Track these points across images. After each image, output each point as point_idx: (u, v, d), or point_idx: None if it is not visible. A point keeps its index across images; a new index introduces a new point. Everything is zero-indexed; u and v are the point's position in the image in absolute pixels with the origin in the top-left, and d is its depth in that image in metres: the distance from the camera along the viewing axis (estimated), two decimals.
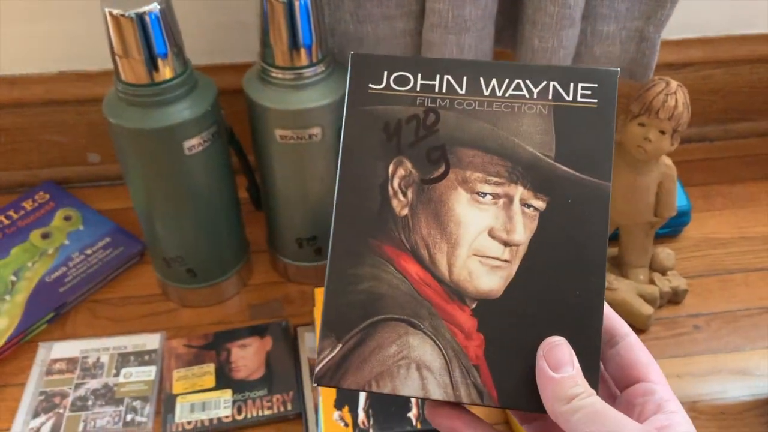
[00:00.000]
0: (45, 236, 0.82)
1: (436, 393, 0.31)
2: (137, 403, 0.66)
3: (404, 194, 0.33)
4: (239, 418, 0.65)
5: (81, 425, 0.64)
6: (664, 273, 0.77)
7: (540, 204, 0.33)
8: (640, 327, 0.73)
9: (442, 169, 0.33)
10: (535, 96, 0.34)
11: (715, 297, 0.77)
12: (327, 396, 0.58)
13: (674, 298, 0.76)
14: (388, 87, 0.34)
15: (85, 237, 0.83)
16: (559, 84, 0.34)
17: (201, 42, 0.77)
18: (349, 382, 0.32)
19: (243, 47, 0.79)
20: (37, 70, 0.83)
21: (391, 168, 0.33)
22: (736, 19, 0.88)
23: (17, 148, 0.88)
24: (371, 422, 0.56)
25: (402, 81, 0.34)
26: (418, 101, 0.34)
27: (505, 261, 0.32)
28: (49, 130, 0.88)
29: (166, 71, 0.61)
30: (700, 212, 0.87)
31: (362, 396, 0.58)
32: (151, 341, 0.72)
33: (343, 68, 0.68)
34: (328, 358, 0.32)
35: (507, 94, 0.34)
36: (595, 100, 0.33)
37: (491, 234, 0.32)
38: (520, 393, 0.31)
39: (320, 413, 0.57)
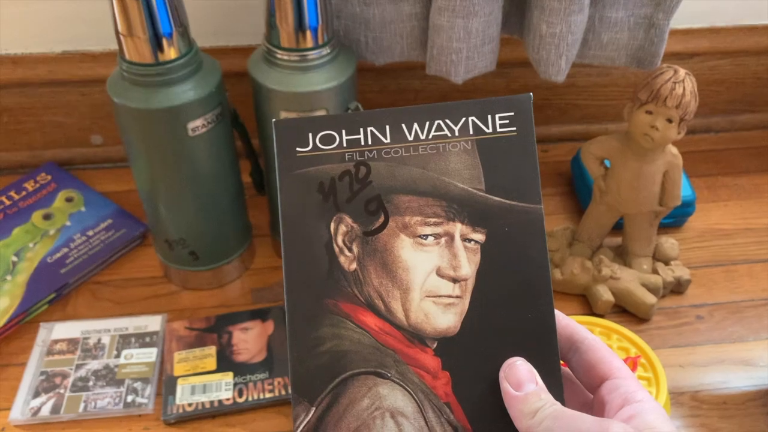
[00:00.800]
0: (46, 217, 0.82)
1: None
2: (138, 385, 0.66)
3: (350, 249, 0.34)
4: (240, 400, 0.65)
5: (81, 405, 0.64)
6: (667, 263, 0.77)
7: (480, 237, 0.34)
8: (642, 316, 0.73)
9: (381, 219, 0.34)
10: (456, 134, 0.34)
11: (718, 287, 0.77)
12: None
13: (677, 288, 0.76)
14: (315, 148, 0.34)
15: (86, 218, 0.82)
16: (477, 118, 0.34)
17: (206, 24, 0.77)
18: None
19: (248, 30, 0.78)
20: (41, 50, 0.82)
21: (332, 226, 0.34)
22: (743, 9, 0.87)
23: (20, 129, 0.88)
24: None
25: (328, 140, 0.34)
26: (347, 157, 0.34)
27: (457, 297, 0.33)
28: (52, 110, 0.87)
29: (170, 51, 0.60)
30: (704, 203, 0.87)
31: None
32: (153, 323, 0.72)
33: (349, 51, 0.67)
34: (305, 423, 0.33)
35: (430, 136, 0.34)
36: (514, 128, 0.34)
37: (439, 273, 0.33)
38: (494, 421, 0.32)
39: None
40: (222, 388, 0.66)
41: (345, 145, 0.34)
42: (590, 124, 0.97)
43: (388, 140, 0.34)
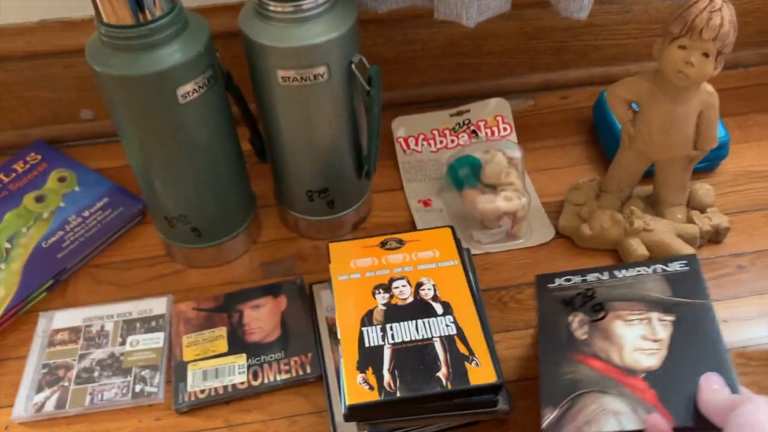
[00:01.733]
0: (39, 199, 0.77)
1: (629, 425, 0.47)
2: (146, 373, 0.62)
3: (582, 329, 0.55)
4: (255, 383, 0.61)
5: (88, 398, 0.61)
6: (703, 210, 0.72)
7: (670, 318, 0.53)
8: None
9: (603, 314, 0.56)
10: (651, 272, 0.58)
11: (759, 234, 0.72)
12: (349, 358, 0.54)
13: (715, 237, 0.71)
14: (560, 285, 0.60)
15: (81, 198, 0.78)
16: (664, 264, 0.59)
17: None
18: (566, 430, 0.48)
19: None
20: (17, 20, 0.76)
21: (570, 318, 0.56)
22: None
23: (2, 107, 0.82)
24: (398, 383, 0.52)
25: (567, 280, 0.60)
26: (579, 288, 0.59)
27: (657, 349, 0.51)
28: (35, 85, 0.82)
29: (152, 10, 0.54)
30: (736, 144, 0.81)
31: (386, 355, 0.54)
32: (158, 306, 0.68)
33: None
34: (550, 418, 0.50)
35: (634, 273, 0.58)
36: (687, 268, 0.57)
37: (644, 337, 0.53)
38: (689, 413, 0.47)
39: (342, 377, 0.53)
40: (235, 371, 0.62)
41: (579, 281, 0.60)
42: (611, 65, 0.90)
43: (606, 277, 0.59)
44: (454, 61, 0.87)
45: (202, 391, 0.61)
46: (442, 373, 0.52)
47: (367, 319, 0.56)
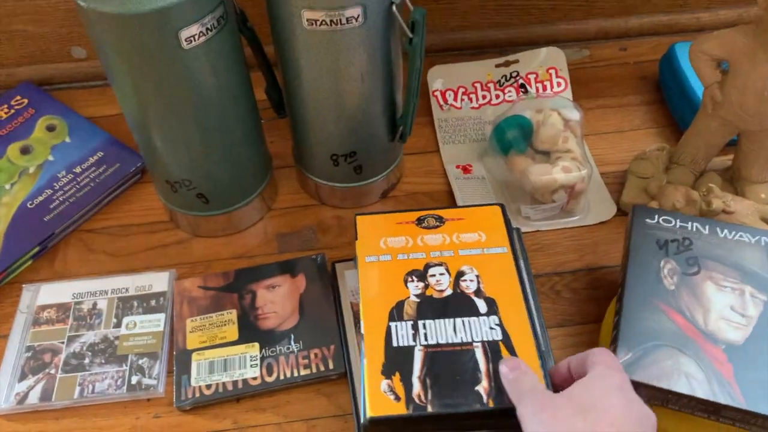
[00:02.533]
0: (25, 151, 0.68)
1: (701, 393, 0.45)
2: (144, 362, 0.54)
3: (671, 279, 0.51)
4: (269, 379, 0.53)
5: (77, 390, 0.53)
6: None
7: (764, 297, 0.49)
8: None
9: (696, 269, 0.51)
10: (752, 242, 0.53)
11: None
12: (373, 359, 0.45)
13: None
14: (658, 223, 0.54)
15: (72, 151, 0.68)
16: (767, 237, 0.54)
17: None
18: (637, 376, 0.45)
19: None
20: None
21: (662, 263, 0.52)
22: None
23: None
24: (429, 395, 0.43)
25: (666, 221, 0.54)
26: (678, 232, 0.53)
27: (743, 325, 0.48)
28: (20, 18, 0.71)
29: None
30: None
31: (417, 359, 0.45)
32: (159, 282, 0.59)
33: None
34: (624, 359, 0.46)
35: (736, 237, 0.53)
36: None
37: (732, 308, 0.49)
38: (760, 398, 0.44)
39: (364, 382, 0.45)
40: (247, 363, 0.54)
41: (677, 226, 0.53)
42: (678, 13, 0.79)
43: (707, 232, 0.53)
44: (499, 2, 0.76)
45: (209, 387, 0.53)
46: (482, 387, 0.44)
47: (397, 312, 0.48)
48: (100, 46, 0.49)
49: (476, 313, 0.47)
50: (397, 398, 0.43)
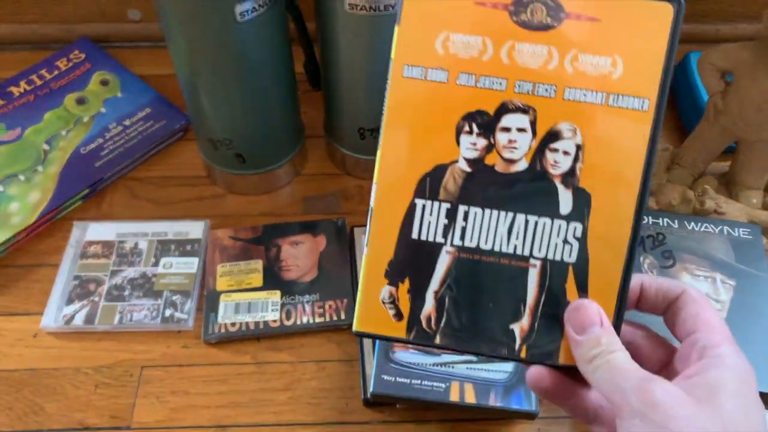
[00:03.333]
0: (80, 102, 0.74)
1: None
2: (177, 298, 0.61)
3: (652, 273, 0.56)
4: (288, 323, 0.59)
5: (117, 317, 0.59)
6: None
7: (732, 282, 0.55)
8: None
9: (671, 262, 0.56)
10: (717, 232, 0.59)
11: None
12: (377, 250, 0.32)
13: None
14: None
15: (123, 105, 0.74)
16: (731, 227, 0.59)
17: None
18: None
19: None
20: None
21: (642, 258, 0.56)
22: None
23: None
24: (443, 321, 0.31)
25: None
26: (651, 229, 0.58)
27: (719, 309, 0.52)
28: None
29: None
30: None
31: (441, 265, 0.32)
32: (194, 229, 0.65)
33: None
34: None
35: (702, 229, 0.59)
36: (751, 237, 0.58)
37: (707, 295, 0.51)
38: None
39: (360, 282, 0.32)
40: (269, 307, 0.60)
41: (650, 223, 0.58)
42: (699, 23, 0.83)
43: (677, 226, 0.58)
44: None
45: (233, 325, 0.59)
46: (519, 327, 0.32)
47: (431, 184, 0.32)
48: (163, 15, 0.55)
49: (554, 211, 0.31)
50: (398, 315, 0.32)
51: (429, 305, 0.32)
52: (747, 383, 0.28)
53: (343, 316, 0.60)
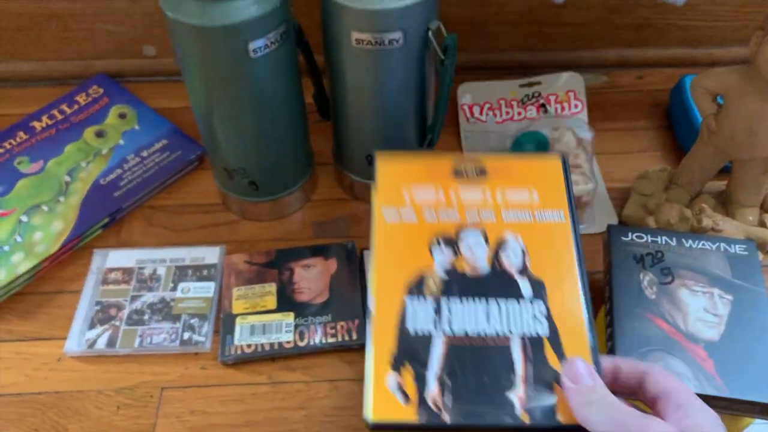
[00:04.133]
0: (99, 134, 0.78)
1: (691, 388, 0.40)
2: (195, 321, 0.63)
3: (651, 289, 0.56)
4: (301, 344, 0.61)
5: (137, 340, 0.62)
6: None
7: (730, 297, 0.56)
8: None
9: (670, 278, 0.56)
10: (714, 249, 0.59)
11: None
12: (381, 345, 0.38)
13: None
14: (632, 239, 0.58)
15: (140, 137, 0.78)
16: (727, 244, 0.59)
17: None
18: None
19: None
20: None
21: (641, 276, 0.57)
22: None
23: (69, 37, 0.82)
24: (448, 400, 0.36)
25: (639, 237, 0.59)
26: (650, 247, 0.58)
27: (717, 323, 0.54)
28: (102, 18, 0.81)
29: None
30: None
31: (436, 351, 0.38)
32: (210, 255, 0.68)
33: None
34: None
35: (699, 246, 0.59)
36: (746, 252, 0.59)
37: (706, 310, 0.55)
38: (742, 386, 0.49)
39: (368, 374, 0.37)
40: (282, 329, 0.62)
41: (649, 241, 0.59)
42: (693, 47, 0.86)
43: (675, 244, 0.59)
44: (528, 28, 0.84)
45: (249, 346, 0.61)
46: (516, 395, 0.37)
47: (416, 287, 0.40)
48: (179, 50, 0.58)
49: (518, 295, 0.39)
50: (407, 400, 0.36)
51: (433, 387, 0.37)
52: (721, 427, 0.35)
53: (354, 337, 0.62)
